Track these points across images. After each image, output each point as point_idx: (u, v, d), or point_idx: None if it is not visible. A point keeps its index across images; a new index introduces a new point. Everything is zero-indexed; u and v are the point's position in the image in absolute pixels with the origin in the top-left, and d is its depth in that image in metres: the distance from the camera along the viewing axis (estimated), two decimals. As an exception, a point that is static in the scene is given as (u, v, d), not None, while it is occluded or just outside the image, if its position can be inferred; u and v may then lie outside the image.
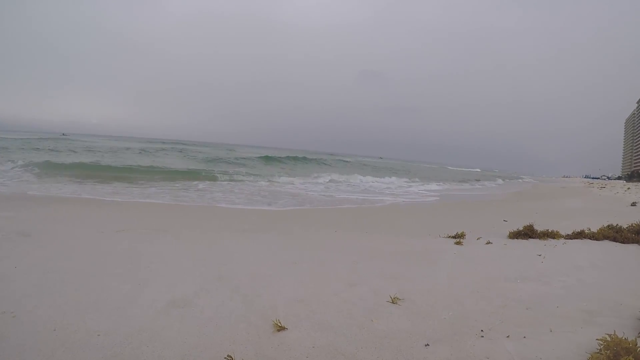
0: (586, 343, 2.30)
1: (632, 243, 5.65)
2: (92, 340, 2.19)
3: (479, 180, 38.45)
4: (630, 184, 47.29)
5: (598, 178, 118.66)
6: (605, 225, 6.31)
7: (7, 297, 2.70)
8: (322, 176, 23.31)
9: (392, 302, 2.93)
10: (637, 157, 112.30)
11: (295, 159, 39.48)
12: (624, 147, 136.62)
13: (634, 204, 13.89)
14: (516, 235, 6.03)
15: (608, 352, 2.06)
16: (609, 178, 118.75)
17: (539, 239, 5.88)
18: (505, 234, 6.22)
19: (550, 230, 6.07)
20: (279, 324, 2.44)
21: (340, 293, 3.14)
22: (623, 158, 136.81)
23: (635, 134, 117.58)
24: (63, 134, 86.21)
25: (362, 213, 10.76)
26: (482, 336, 2.41)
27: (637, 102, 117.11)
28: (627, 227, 6.17)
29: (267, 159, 35.11)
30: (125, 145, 42.30)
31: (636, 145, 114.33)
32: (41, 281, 3.06)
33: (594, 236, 5.92)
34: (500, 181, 41.03)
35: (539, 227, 6.18)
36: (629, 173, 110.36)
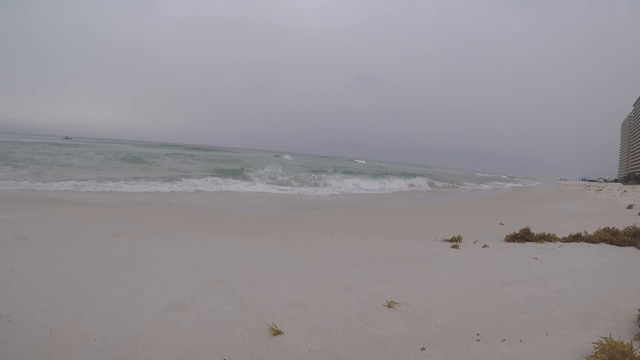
0: (582, 346, 2.32)
1: (629, 246, 5.69)
2: (88, 344, 2.19)
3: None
4: (626, 187, 47.51)
5: (595, 181, 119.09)
6: (601, 228, 6.35)
7: (4, 301, 2.69)
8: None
9: (389, 306, 2.94)
10: (633, 160, 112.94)
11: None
12: (620, 150, 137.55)
13: (630, 207, 13.96)
14: (513, 238, 6.06)
15: (604, 355, 2.07)
16: (605, 181, 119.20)
17: (536, 242, 5.91)
18: (502, 237, 6.24)
19: (546, 233, 6.10)
20: (275, 328, 2.44)
21: (337, 297, 3.14)
22: (619, 161, 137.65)
23: (631, 137, 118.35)
24: (66, 137, 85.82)
25: (358, 216, 10.78)
26: (478, 340, 2.42)
27: (634, 105, 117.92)
28: (623, 230, 6.21)
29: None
30: (165, 151, 41.09)
31: (633, 148, 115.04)
32: (38, 285, 3.05)
33: (590, 239, 5.96)
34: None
35: (536, 230, 6.21)
36: (626, 175, 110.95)
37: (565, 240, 6.02)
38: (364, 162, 78.15)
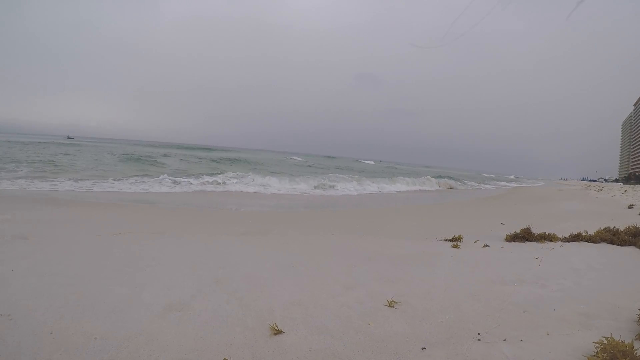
0: (583, 346, 2.31)
1: (629, 245, 5.68)
2: (89, 343, 2.19)
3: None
4: (627, 187, 47.42)
5: (595, 180, 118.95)
6: (602, 228, 6.34)
7: (4, 300, 2.69)
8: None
9: (389, 306, 2.94)
10: (634, 160, 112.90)
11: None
12: (620, 150, 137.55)
13: (631, 207, 13.94)
14: (513, 238, 6.05)
15: (605, 355, 2.07)
16: (606, 180, 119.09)
17: (536, 241, 5.90)
18: (503, 237, 6.24)
19: (547, 233, 6.09)
20: (276, 328, 2.44)
21: (337, 296, 3.14)
22: (620, 160, 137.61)
23: (632, 137, 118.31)
24: (68, 137, 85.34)
25: (358, 215, 10.77)
26: (479, 339, 2.42)
27: (634, 105, 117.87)
28: (624, 230, 6.20)
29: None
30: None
31: (633, 148, 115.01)
32: (38, 284, 3.05)
33: (591, 239, 5.95)
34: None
35: (536, 230, 6.20)
36: (626, 175, 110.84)
37: (566, 240, 6.01)
38: (371, 162, 77.62)
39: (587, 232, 6.15)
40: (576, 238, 6.02)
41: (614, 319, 2.79)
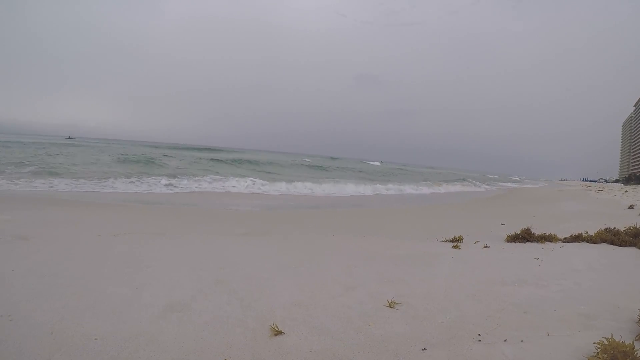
0: (583, 347, 2.31)
1: (630, 246, 5.67)
2: (89, 344, 2.19)
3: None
4: (627, 187, 47.38)
5: (596, 181, 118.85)
6: (602, 229, 6.34)
7: (5, 301, 2.69)
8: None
9: (390, 307, 2.93)
10: (634, 160, 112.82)
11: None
12: (621, 150, 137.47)
13: (631, 207, 13.93)
14: (514, 238, 6.05)
15: (605, 355, 2.07)
16: (606, 181, 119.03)
17: (537, 242, 5.90)
18: (503, 238, 6.24)
19: (547, 234, 6.09)
20: (276, 328, 2.44)
21: (338, 297, 3.14)
22: (620, 161, 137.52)
23: (632, 137, 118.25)
24: (69, 137, 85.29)
25: (359, 216, 10.77)
26: (480, 340, 2.41)
27: (634, 106, 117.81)
28: (624, 230, 6.19)
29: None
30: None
31: (633, 148, 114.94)
32: (38, 285, 3.05)
33: (591, 239, 5.94)
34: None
35: (537, 231, 6.20)
36: (627, 176, 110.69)
37: (567, 240, 6.00)
38: (378, 163, 76.98)
39: (587, 232, 6.15)
40: (577, 239, 6.02)
41: (615, 319, 2.79)
